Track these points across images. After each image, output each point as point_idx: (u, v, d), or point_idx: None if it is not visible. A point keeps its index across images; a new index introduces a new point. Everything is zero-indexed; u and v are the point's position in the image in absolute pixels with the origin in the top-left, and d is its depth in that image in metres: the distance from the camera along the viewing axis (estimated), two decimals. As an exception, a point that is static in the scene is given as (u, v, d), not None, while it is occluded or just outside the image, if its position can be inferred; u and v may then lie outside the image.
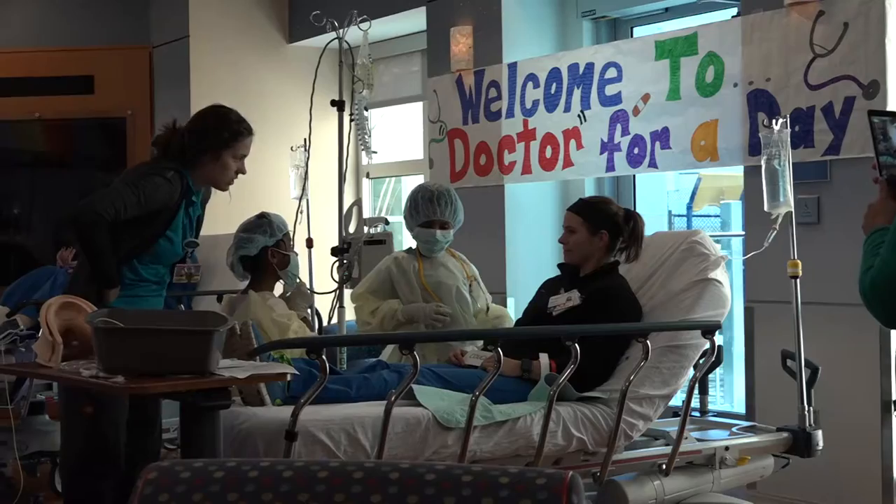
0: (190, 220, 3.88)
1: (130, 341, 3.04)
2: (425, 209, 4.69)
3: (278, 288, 4.82)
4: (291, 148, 6.90)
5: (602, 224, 4.40)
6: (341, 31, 5.18)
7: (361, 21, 5.16)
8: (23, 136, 8.36)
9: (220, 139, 3.85)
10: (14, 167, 8.35)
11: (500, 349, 3.69)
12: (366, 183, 8.19)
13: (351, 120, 5.20)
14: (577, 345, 3.75)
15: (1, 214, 8.41)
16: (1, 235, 8.36)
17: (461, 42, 6.46)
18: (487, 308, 4.79)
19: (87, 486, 3.65)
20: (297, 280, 4.80)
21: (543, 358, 4.14)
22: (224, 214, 7.56)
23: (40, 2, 8.41)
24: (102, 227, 3.59)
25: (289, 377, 3.46)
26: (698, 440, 4.34)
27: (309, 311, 4.96)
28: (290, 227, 4.89)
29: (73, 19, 8.35)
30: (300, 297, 4.80)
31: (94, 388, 3.39)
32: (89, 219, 3.58)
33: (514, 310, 5.59)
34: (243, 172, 3.97)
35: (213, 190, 4.12)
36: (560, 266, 4.64)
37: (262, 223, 4.73)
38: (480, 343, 4.43)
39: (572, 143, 5.89)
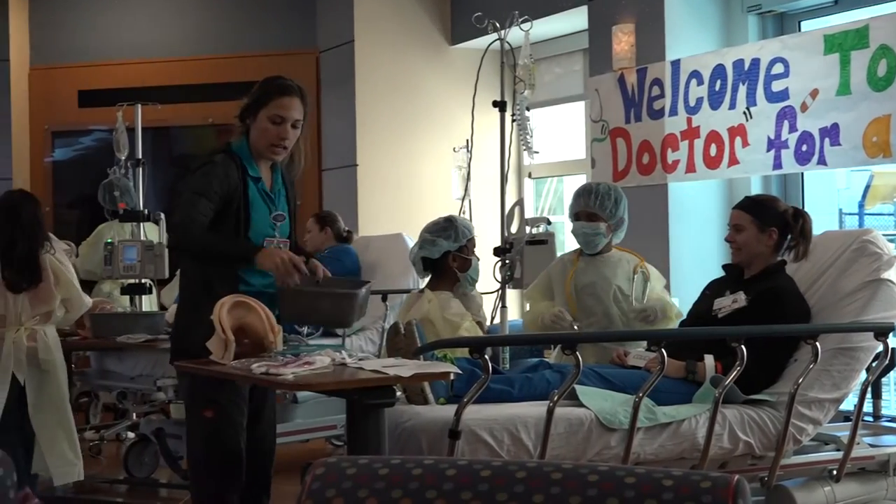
0: (267, 195, 3.73)
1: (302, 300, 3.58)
2: (574, 203, 4.68)
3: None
4: (454, 149, 6.97)
5: (771, 222, 4.30)
6: (503, 31, 5.20)
7: (523, 21, 5.16)
8: (197, 140, 8.67)
9: (255, 99, 3.72)
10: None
11: (664, 350, 3.65)
12: (528, 183, 8.20)
13: (513, 120, 5.21)
14: (742, 346, 3.69)
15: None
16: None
17: (623, 40, 6.40)
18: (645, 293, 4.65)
19: (211, 488, 3.67)
20: (474, 284, 4.78)
21: (709, 359, 4.08)
22: (386, 215, 7.75)
23: (212, 11, 8.69)
24: (196, 230, 3.55)
25: (452, 376, 3.48)
26: (871, 445, 4.21)
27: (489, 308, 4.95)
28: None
29: (243, 27, 8.61)
30: (472, 303, 4.80)
31: (262, 384, 3.49)
32: (181, 235, 3.59)
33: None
34: (284, 138, 3.69)
35: (298, 169, 3.90)
36: (725, 267, 4.56)
37: (448, 227, 4.70)
38: (644, 344, 4.38)
39: (738, 140, 5.77)
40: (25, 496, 5.02)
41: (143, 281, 5.95)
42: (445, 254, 4.68)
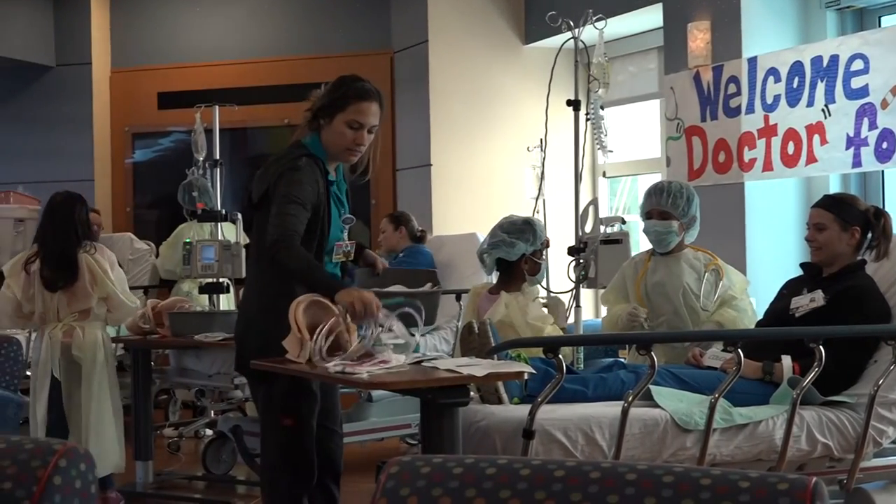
0: (338, 197, 3.70)
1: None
2: (646, 201, 4.64)
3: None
4: (528, 148, 6.96)
5: (853, 220, 4.23)
6: (577, 30, 5.19)
7: (597, 20, 5.15)
8: (273, 141, 8.76)
9: (331, 101, 3.63)
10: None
11: (740, 350, 3.62)
12: (602, 182, 8.16)
13: (587, 119, 5.19)
14: (821, 347, 3.64)
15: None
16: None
17: (699, 37, 6.35)
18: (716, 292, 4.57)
19: (284, 492, 3.67)
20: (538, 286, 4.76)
21: (786, 360, 4.03)
22: (460, 214, 7.76)
23: (288, 13, 8.78)
24: (295, 250, 3.47)
25: (526, 376, 3.48)
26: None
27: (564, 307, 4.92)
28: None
29: (318, 29, 8.68)
30: (556, 309, 4.79)
31: (338, 383, 3.52)
32: (282, 252, 3.47)
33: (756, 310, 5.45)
34: (360, 144, 3.62)
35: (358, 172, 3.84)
36: (803, 266, 4.50)
37: (527, 230, 4.65)
38: (720, 344, 4.34)
39: (816, 138, 5.69)
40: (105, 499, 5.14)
41: (220, 280, 6.02)
42: (520, 256, 4.66)
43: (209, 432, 6.85)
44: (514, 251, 4.62)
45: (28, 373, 5.52)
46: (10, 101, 9.18)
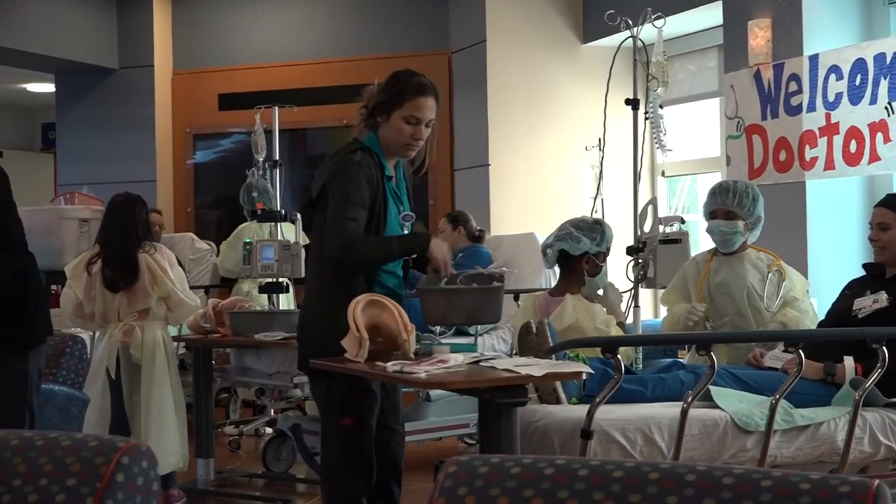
0: (395, 193, 3.70)
1: (447, 299, 3.57)
2: (710, 201, 4.58)
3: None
4: (586, 147, 6.94)
5: (919, 220, 4.18)
6: (635, 29, 5.16)
7: (656, 18, 5.12)
8: (333, 141, 8.81)
9: (388, 97, 3.62)
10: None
11: (801, 351, 3.58)
12: (661, 181, 8.11)
13: (646, 118, 5.17)
14: (884, 348, 3.59)
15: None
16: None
17: (759, 35, 6.29)
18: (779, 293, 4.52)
19: (343, 491, 3.67)
20: (604, 286, 4.71)
21: (848, 361, 3.98)
22: (518, 214, 7.76)
23: (346, 15, 8.83)
24: (359, 246, 3.52)
25: (584, 376, 3.47)
26: None
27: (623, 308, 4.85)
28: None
29: (376, 29, 8.72)
30: (614, 294, 4.72)
31: (396, 382, 3.53)
32: (346, 250, 3.51)
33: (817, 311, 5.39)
34: (419, 139, 3.63)
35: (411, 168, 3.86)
36: (865, 266, 4.44)
37: (595, 230, 4.57)
38: (782, 345, 4.29)
39: (879, 136, 5.61)
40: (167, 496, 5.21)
41: (280, 280, 6.07)
42: (582, 254, 4.62)
43: (269, 431, 6.91)
44: (578, 246, 4.57)
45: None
46: (75, 104, 9.33)
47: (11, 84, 10.96)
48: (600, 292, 4.65)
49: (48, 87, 10.21)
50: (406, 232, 3.71)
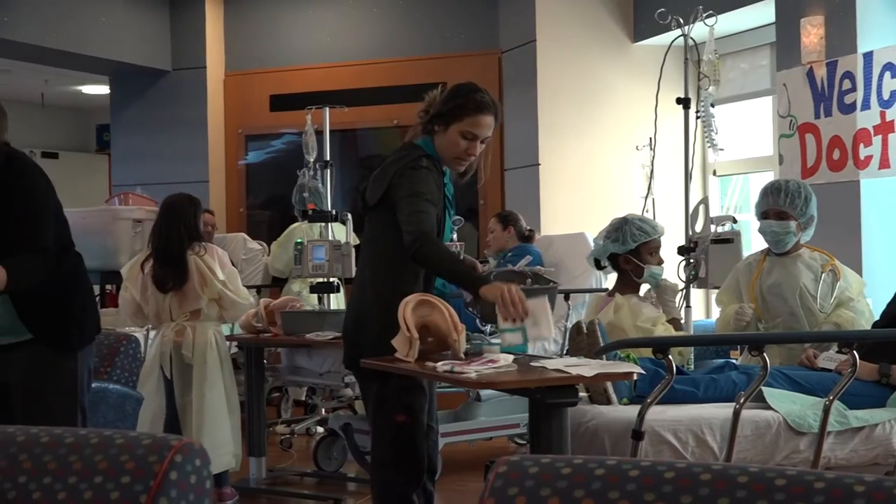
0: (448, 199, 3.71)
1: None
2: (762, 201, 4.54)
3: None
4: (637, 147, 6.90)
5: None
6: (686, 27, 5.13)
7: (707, 16, 5.09)
8: (384, 142, 8.84)
9: (449, 109, 3.61)
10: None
11: (855, 352, 3.54)
12: (713, 181, 8.06)
13: (697, 117, 5.13)
14: (941, 349, 3.55)
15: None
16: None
17: (812, 33, 6.23)
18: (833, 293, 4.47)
19: (395, 488, 3.66)
20: (658, 284, 4.66)
21: (904, 362, 3.94)
22: (568, 214, 7.74)
23: (395, 15, 8.85)
24: (435, 241, 3.51)
25: (635, 376, 3.46)
26: None
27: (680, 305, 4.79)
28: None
29: (426, 30, 8.73)
30: (667, 291, 4.67)
31: (447, 381, 3.53)
32: (423, 245, 3.47)
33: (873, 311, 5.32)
34: (472, 154, 3.63)
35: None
36: (922, 265, 4.39)
37: (617, 230, 4.57)
38: (836, 346, 4.25)
39: (936, 134, 5.54)
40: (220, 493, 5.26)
41: (330, 280, 6.10)
42: (615, 255, 4.59)
43: (320, 430, 6.94)
44: (601, 250, 4.57)
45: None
46: (129, 105, 9.44)
47: (67, 87, 11.11)
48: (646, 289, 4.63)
49: (103, 90, 10.34)
50: (454, 236, 3.73)
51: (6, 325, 3.54)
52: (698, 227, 5.07)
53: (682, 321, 5.02)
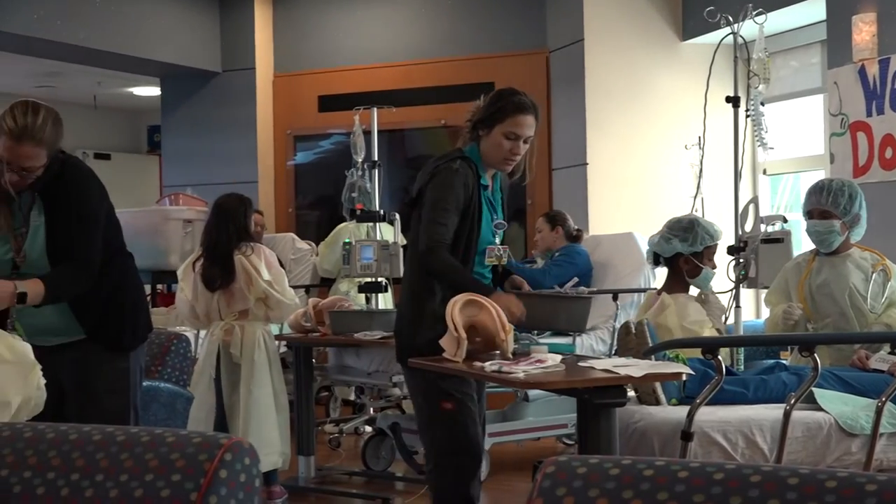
0: (490, 202, 3.81)
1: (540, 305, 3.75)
2: (807, 200, 4.50)
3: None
4: (686, 146, 6.88)
5: None
6: (736, 25, 5.10)
7: (757, 14, 5.05)
8: (430, 142, 8.85)
9: (490, 114, 3.75)
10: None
11: (908, 353, 3.50)
12: (762, 180, 7.99)
13: (747, 116, 5.09)
14: None
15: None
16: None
17: (864, 30, 6.16)
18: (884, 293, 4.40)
19: (454, 478, 3.66)
20: (707, 296, 4.64)
21: (957, 363, 3.88)
22: (616, 214, 7.71)
23: (443, 15, 8.85)
24: (441, 255, 3.62)
25: (684, 377, 3.44)
26: None
27: (723, 319, 4.78)
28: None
29: (473, 30, 8.73)
30: (713, 306, 4.68)
31: (495, 381, 3.54)
32: (430, 258, 3.63)
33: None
34: (516, 154, 3.75)
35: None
36: (976, 265, 4.32)
37: (688, 230, 4.54)
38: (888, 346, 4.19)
39: None
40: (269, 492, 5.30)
41: (378, 279, 6.12)
42: (677, 255, 4.58)
43: (368, 429, 6.96)
44: (669, 247, 4.54)
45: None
46: (179, 106, 9.53)
47: (119, 88, 11.22)
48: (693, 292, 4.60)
49: (154, 91, 10.43)
50: (498, 238, 3.80)
51: (60, 326, 3.58)
52: (748, 227, 5.03)
53: (731, 322, 4.99)
